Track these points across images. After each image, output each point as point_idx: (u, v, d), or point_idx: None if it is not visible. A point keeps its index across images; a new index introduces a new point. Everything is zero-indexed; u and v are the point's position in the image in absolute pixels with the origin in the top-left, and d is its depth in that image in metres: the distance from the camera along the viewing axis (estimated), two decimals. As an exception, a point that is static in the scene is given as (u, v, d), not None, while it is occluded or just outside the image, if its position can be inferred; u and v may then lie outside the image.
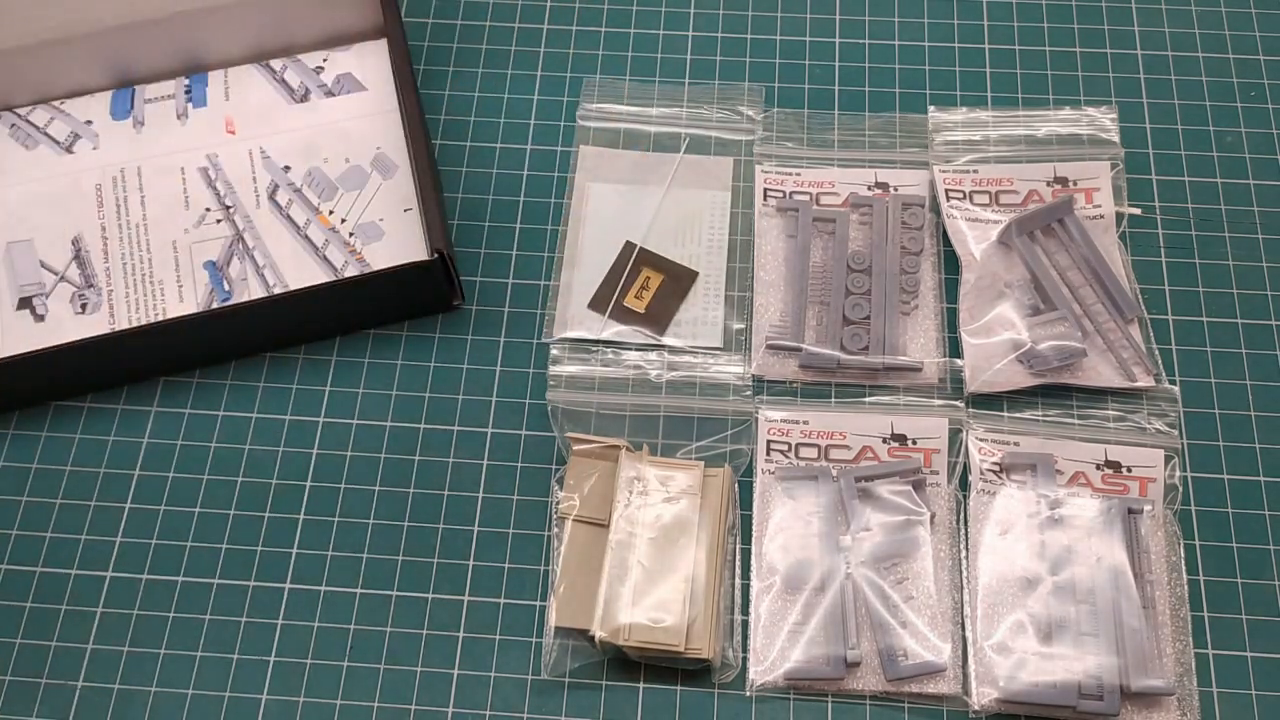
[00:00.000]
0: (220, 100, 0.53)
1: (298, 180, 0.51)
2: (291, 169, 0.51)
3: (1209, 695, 0.42)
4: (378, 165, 0.51)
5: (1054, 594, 0.42)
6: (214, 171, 0.51)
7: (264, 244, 0.49)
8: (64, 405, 0.47)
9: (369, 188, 0.50)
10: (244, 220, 0.50)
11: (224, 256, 0.49)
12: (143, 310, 0.48)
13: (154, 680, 0.42)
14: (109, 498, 0.45)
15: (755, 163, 0.51)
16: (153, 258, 0.49)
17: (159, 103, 0.53)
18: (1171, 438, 0.45)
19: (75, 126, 0.52)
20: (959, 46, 0.54)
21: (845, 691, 0.42)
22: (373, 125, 0.52)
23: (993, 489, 0.44)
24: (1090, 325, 0.47)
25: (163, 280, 0.49)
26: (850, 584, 0.42)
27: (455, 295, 0.48)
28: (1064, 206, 0.49)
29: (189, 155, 0.52)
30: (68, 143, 0.52)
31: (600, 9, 0.55)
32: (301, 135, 0.52)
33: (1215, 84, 0.53)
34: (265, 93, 0.53)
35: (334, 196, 0.50)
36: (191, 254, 0.49)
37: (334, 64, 0.53)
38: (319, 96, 0.52)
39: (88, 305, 0.48)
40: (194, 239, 0.50)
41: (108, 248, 0.50)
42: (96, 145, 0.52)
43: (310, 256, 0.49)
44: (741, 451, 0.45)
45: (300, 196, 0.50)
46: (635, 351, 0.48)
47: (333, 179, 0.50)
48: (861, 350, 0.47)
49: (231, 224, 0.50)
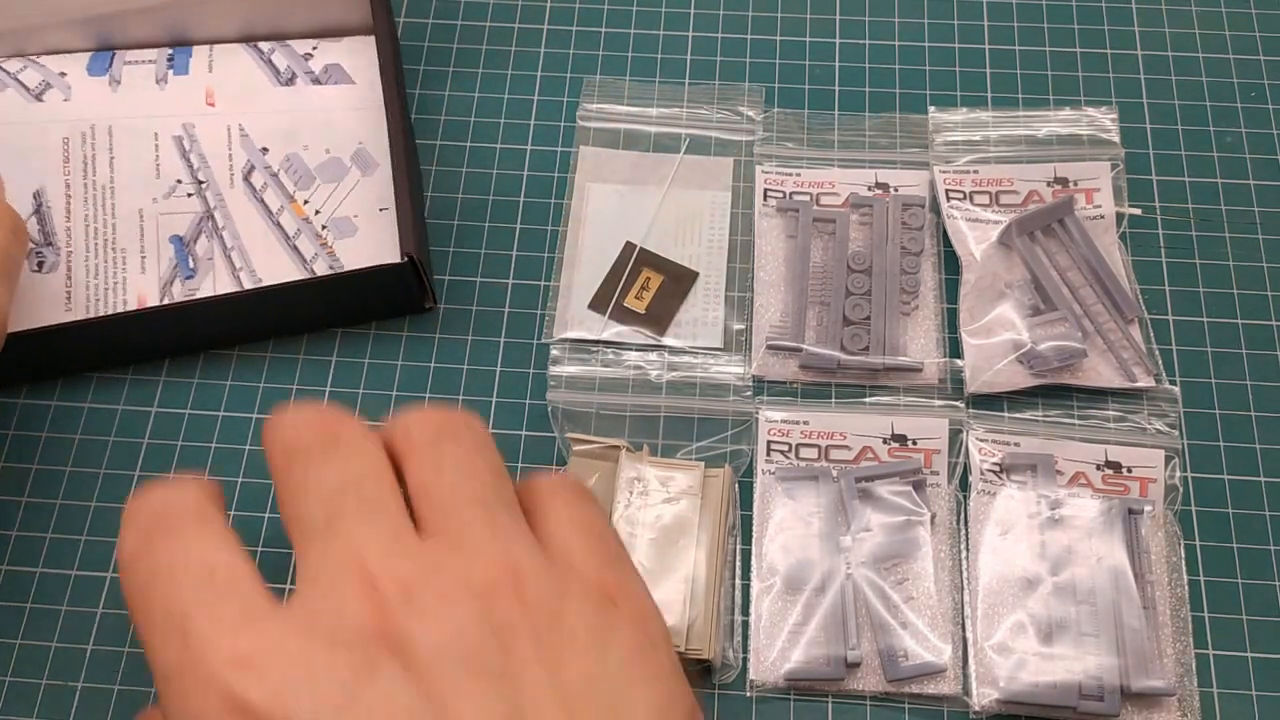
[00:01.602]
0: (203, 71, 0.51)
1: (275, 164, 0.49)
2: (269, 151, 0.49)
3: (1209, 695, 0.42)
4: (358, 160, 0.50)
5: (1054, 594, 0.42)
6: (189, 142, 0.49)
7: (234, 225, 0.48)
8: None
9: (347, 182, 0.49)
10: (215, 198, 0.48)
11: (192, 232, 0.48)
12: (103, 277, 0.47)
13: (153, 680, 0.42)
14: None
15: (755, 163, 0.51)
16: (117, 224, 0.47)
17: (139, 66, 0.51)
18: (1171, 438, 0.45)
19: (48, 76, 0.50)
20: (959, 46, 0.54)
21: (845, 692, 0.42)
22: (357, 119, 0.51)
23: (993, 489, 0.44)
24: (1090, 325, 0.47)
25: (125, 249, 0.47)
26: (850, 584, 0.42)
27: (427, 298, 0.48)
28: (1064, 207, 0.49)
29: (165, 121, 0.50)
30: (38, 90, 0.50)
31: (600, 9, 0.55)
32: (284, 118, 0.50)
33: (1215, 84, 0.53)
34: (250, 70, 0.51)
35: (310, 186, 0.49)
36: (158, 225, 0.47)
37: (324, 52, 0.52)
38: (305, 82, 0.51)
39: (44, 264, 0.47)
40: (162, 209, 0.48)
41: (70, 206, 0.48)
42: (68, 97, 0.50)
43: (280, 244, 0.48)
44: (742, 452, 0.45)
45: (276, 181, 0.49)
46: (635, 352, 0.48)
47: (311, 168, 0.49)
48: (862, 350, 0.47)
49: (203, 200, 0.48)
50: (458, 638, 0.25)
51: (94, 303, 0.47)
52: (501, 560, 0.27)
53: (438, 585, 0.26)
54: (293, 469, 0.29)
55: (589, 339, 0.48)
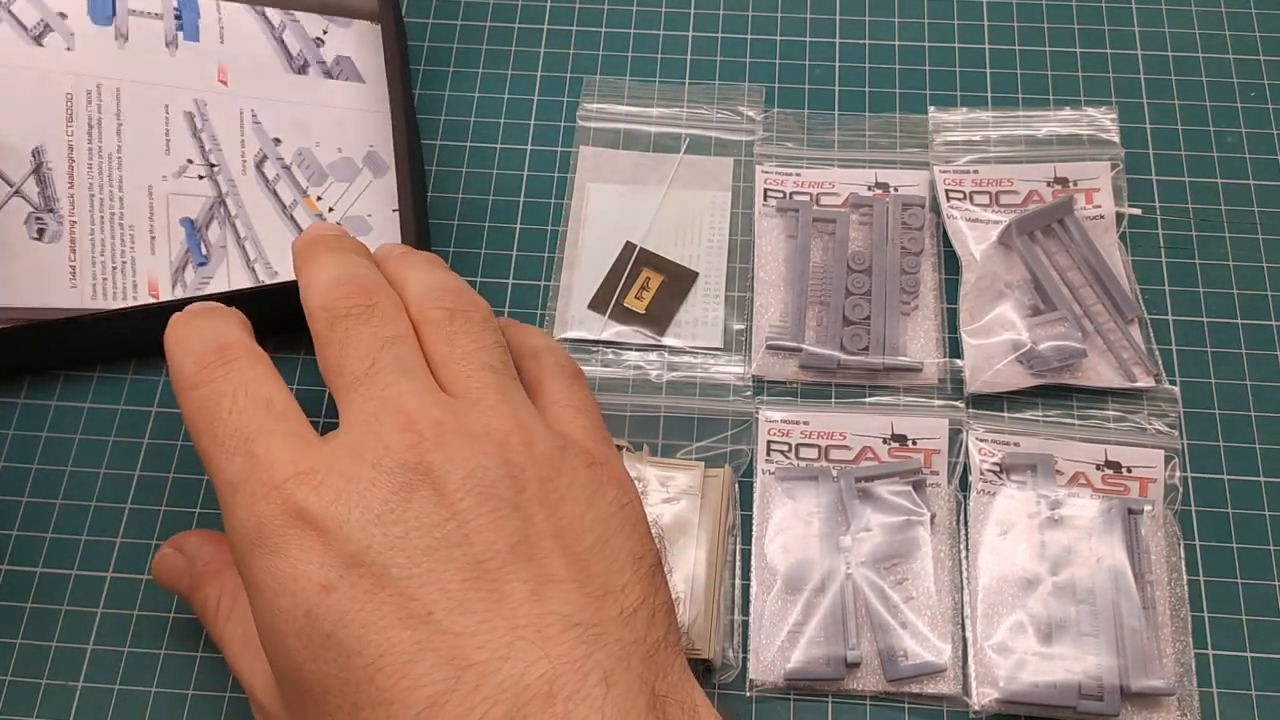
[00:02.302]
0: (214, 41, 0.49)
1: (287, 157, 0.48)
2: (282, 143, 0.48)
3: (1209, 695, 0.42)
4: (369, 162, 0.49)
5: (1054, 594, 0.42)
6: (200, 120, 0.47)
7: (246, 213, 0.46)
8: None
9: (359, 182, 0.48)
10: (228, 183, 0.46)
11: (204, 217, 0.46)
12: (110, 254, 0.44)
13: (154, 681, 0.42)
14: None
15: (755, 163, 0.51)
16: (125, 198, 0.45)
17: (145, 19, 0.48)
18: (1171, 438, 0.45)
19: (47, 15, 0.47)
20: (959, 46, 0.54)
21: (845, 692, 0.42)
22: (367, 121, 0.50)
23: (993, 489, 0.44)
24: (1090, 325, 0.47)
25: (134, 226, 0.45)
26: (850, 584, 0.43)
27: None
28: (1064, 207, 0.49)
29: (176, 94, 0.47)
30: (36, 32, 0.46)
31: (600, 9, 0.55)
32: (297, 110, 0.49)
33: (1215, 84, 0.53)
34: (262, 47, 0.50)
35: (323, 183, 0.48)
36: (169, 205, 0.45)
37: (334, 39, 0.51)
38: (318, 74, 0.50)
39: (45, 232, 0.44)
40: (172, 189, 0.46)
41: (74, 172, 0.45)
42: (71, 46, 0.47)
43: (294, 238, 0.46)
44: (742, 452, 0.45)
45: (289, 174, 0.48)
46: (635, 352, 0.48)
47: (323, 165, 0.48)
48: (862, 350, 0.47)
49: (214, 184, 0.46)
50: (479, 472, 0.30)
51: (101, 282, 0.45)
52: (513, 417, 0.32)
53: (463, 430, 0.31)
54: (334, 328, 0.34)
55: (589, 339, 0.48)
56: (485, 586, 0.29)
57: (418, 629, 0.28)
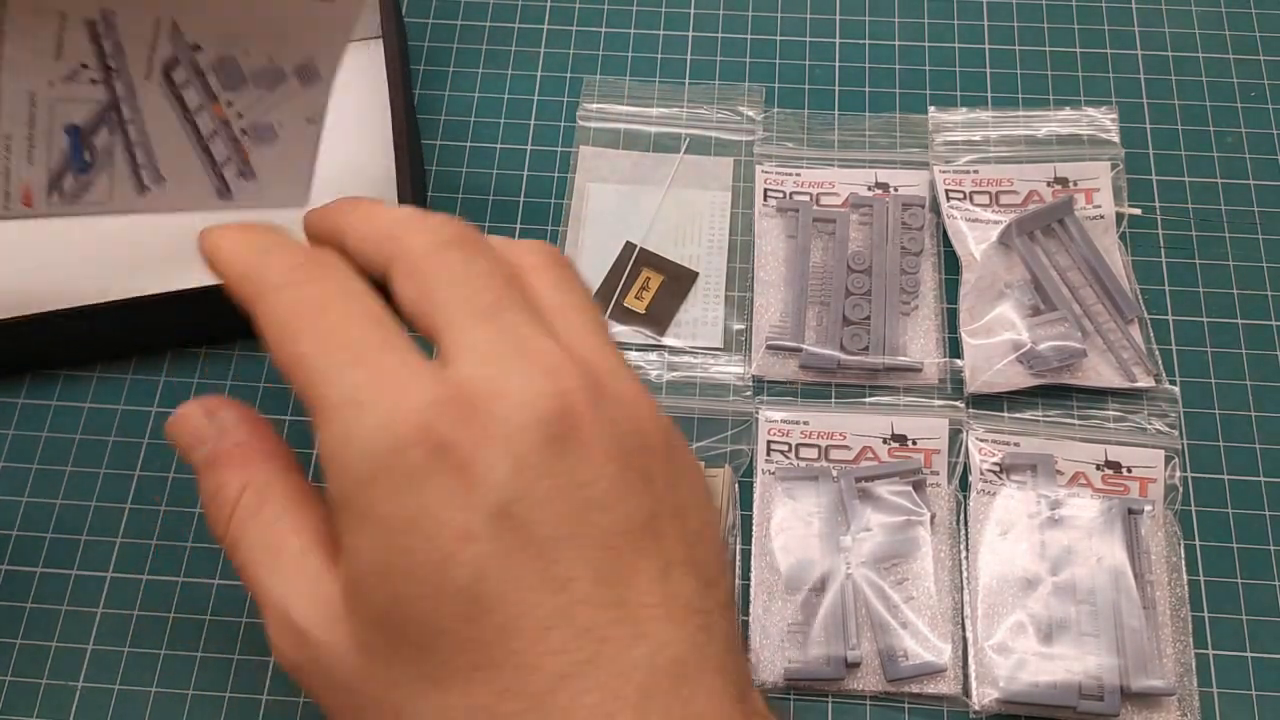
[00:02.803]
0: None
1: (204, 63, 0.43)
2: (203, 50, 0.43)
3: (1209, 695, 0.42)
4: (301, 73, 0.43)
5: (1054, 594, 0.42)
6: (104, 28, 0.42)
7: (141, 118, 0.43)
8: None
9: (280, 91, 0.43)
10: (125, 88, 0.42)
11: (91, 123, 0.43)
12: None
13: (154, 681, 0.42)
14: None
15: (755, 163, 0.51)
16: (3, 106, 0.42)
17: None
18: (1171, 438, 0.45)
19: None
20: (959, 46, 0.54)
21: (845, 692, 0.42)
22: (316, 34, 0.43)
23: (993, 489, 0.44)
24: (1090, 325, 0.47)
25: (10, 135, 0.42)
26: (850, 584, 0.42)
27: None
28: (1064, 207, 0.49)
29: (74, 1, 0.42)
30: None
31: (600, 9, 0.55)
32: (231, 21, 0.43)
33: (1215, 84, 0.53)
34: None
35: (238, 89, 0.43)
36: (52, 112, 0.42)
37: None
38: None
39: None
40: (59, 95, 0.42)
41: None
42: None
43: (191, 144, 0.43)
44: (742, 452, 0.45)
45: (200, 80, 0.43)
46: (635, 352, 0.48)
47: (245, 72, 0.43)
48: (861, 350, 0.47)
49: (109, 88, 0.42)
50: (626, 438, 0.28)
51: None
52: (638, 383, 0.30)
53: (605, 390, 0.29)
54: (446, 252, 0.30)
55: (589, 339, 0.48)
56: (622, 559, 0.27)
57: (558, 594, 0.26)
